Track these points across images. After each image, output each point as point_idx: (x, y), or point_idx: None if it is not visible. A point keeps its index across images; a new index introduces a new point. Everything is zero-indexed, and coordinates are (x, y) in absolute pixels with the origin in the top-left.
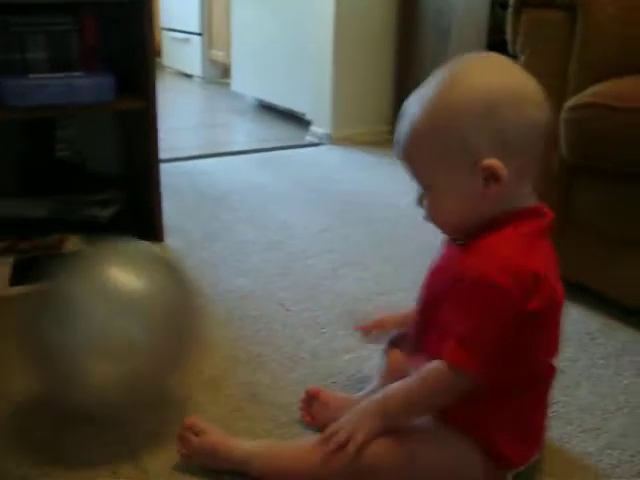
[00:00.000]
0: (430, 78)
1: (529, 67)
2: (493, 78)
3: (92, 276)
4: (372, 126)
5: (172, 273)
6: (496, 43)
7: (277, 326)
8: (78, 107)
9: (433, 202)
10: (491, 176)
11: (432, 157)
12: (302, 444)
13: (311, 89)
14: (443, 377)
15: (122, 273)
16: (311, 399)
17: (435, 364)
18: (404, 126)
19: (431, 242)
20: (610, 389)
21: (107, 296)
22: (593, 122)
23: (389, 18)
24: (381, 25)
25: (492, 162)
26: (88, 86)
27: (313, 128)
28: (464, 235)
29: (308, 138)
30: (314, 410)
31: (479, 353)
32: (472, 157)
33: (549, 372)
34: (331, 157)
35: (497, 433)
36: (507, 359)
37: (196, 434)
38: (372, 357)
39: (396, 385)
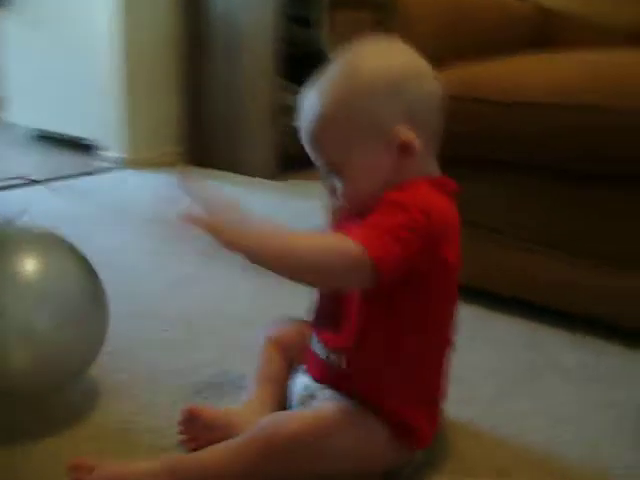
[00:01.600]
0: (329, 66)
1: None
2: (392, 57)
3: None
4: (164, 148)
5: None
6: (292, 57)
7: (124, 350)
8: None
9: (347, 182)
10: (405, 148)
11: (343, 138)
12: (206, 450)
13: (99, 115)
14: (346, 250)
15: (30, 262)
16: (192, 420)
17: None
18: (309, 113)
19: None
20: (472, 363)
21: (18, 288)
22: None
23: (178, 39)
24: (170, 46)
25: (405, 134)
26: None
27: (104, 153)
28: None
29: (100, 164)
30: (197, 431)
31: (385, 245)
32: (384, 132)
33: (448, 343)
34: (128, 180)
35: (406, 407)
36: (415, 321)
37: (89, 472)
38: (236, 365)
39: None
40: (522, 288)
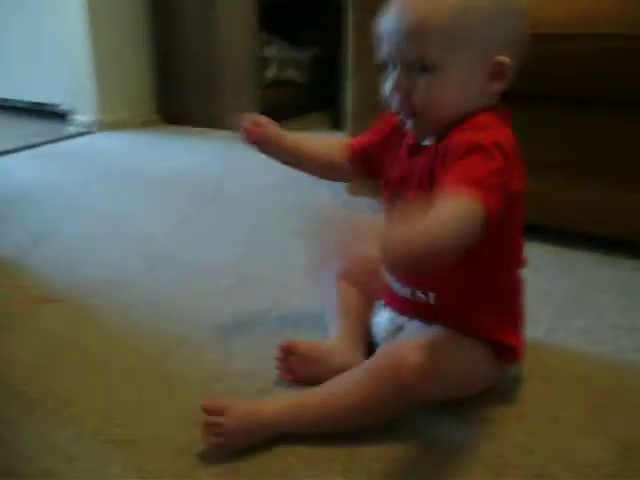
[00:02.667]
0: None
1: None
2: None
3: None
4: (138, 108)
5: None
6: (270, 7)
7: (180, 304)
8: None
9: (432, 87)
10: (499, 73)
11: (448, 42)
12: (331, 387)
13: (67, 78)
14: (467, 211)
15: None
16: (288, 354)
17: (451, 205)
18: (420, 9)
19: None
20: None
21: None
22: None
23: None
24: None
25: (505, 59)
26: None
27: (76, 117)
28: (439, 130)
29: (71, 129)
30: (293, 365)
31: (492, 198)
32: (487, 51)
33: (523, 264)
34: (110, 143)
35: (498, 327)
36: (500, 249)
37: (221, 414)
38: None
39: (417, 229)
40: (544, 215)
